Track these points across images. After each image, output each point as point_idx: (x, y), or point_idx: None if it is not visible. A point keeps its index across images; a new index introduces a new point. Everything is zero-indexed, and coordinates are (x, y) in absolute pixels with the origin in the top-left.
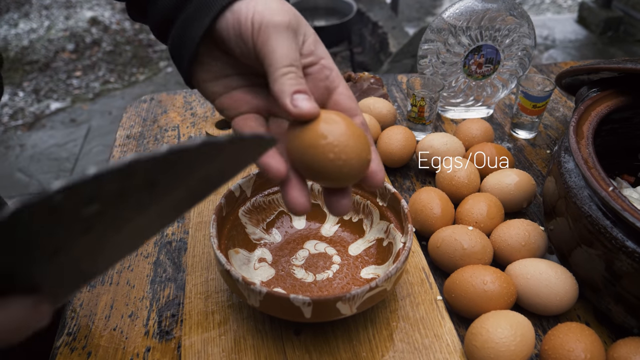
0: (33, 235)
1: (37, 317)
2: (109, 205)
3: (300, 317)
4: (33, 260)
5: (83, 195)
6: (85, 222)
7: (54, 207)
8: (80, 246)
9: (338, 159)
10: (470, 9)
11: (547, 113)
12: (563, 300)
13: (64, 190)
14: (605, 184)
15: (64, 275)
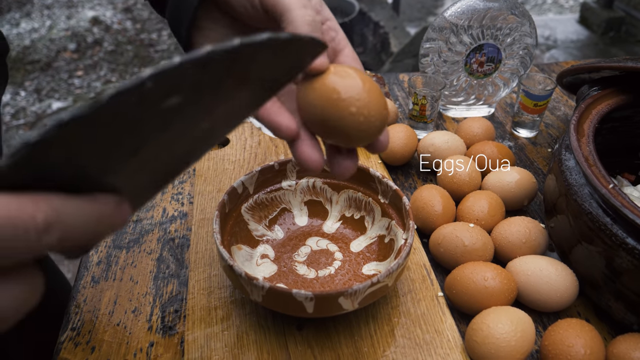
0: (122, 125)
1: (120, 216)
2: (187, 98)
3: (303, 312)
4: (117, 158)
5: (168, 85)
6: (165, 116)
7: (144, 94)
8: (159, 144)
9: (360, 114)
10: (471, 7)
11: (548, 112)
12: (563, 297)
13: (154, 77)
14: (605, 182)
15: (142, 178)
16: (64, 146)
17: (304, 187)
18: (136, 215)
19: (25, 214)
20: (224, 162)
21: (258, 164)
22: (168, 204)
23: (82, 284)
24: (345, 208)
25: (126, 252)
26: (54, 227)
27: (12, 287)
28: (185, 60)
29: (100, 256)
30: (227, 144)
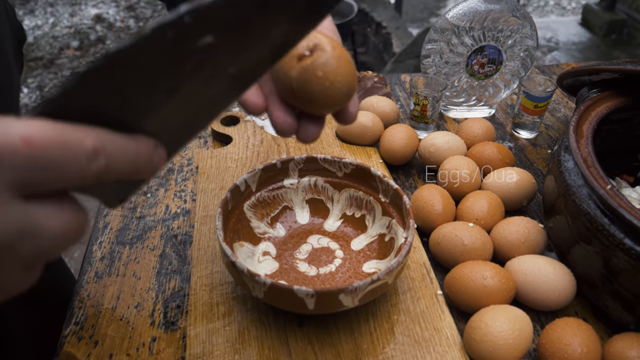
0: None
1: (156, 157)
2: (219, 38)
3: (304, 309)
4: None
5: (203, 22)
6: (196, 56)
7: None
8: (192, 87)
9: (326, 78)
10: (473, 9)
11: (549, 113)
12: (561, 296)
13: (192, 12)
14: (603, 183)
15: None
16: (110, 77)
17: (306, 185)
18: (139, 211)
19: (76, 139)
20: (226, 160)
21: (260, 162)
22: (171, 201)
23: (85, 279)
24: (347, 206)
25: (129, 248)
26: (101, 155)
27: (63, 213)
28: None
29: (103, 252)
30: (230, 142)
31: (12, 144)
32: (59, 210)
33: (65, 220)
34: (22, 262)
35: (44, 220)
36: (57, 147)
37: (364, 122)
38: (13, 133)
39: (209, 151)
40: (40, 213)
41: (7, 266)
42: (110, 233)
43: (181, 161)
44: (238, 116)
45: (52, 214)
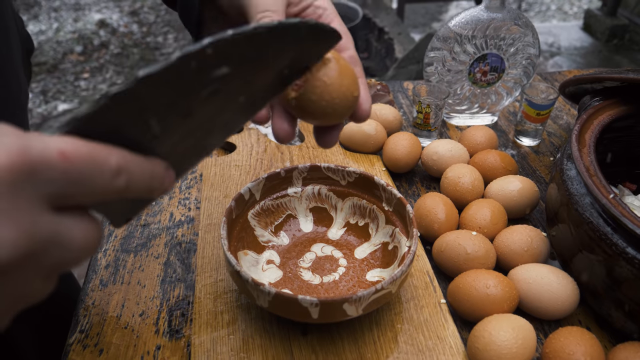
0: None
1: (167, 178)
2: (233, 69)
3: (308, 318)
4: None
5: (222, 54)
6: (213, 85)
7: (202, 60)
8: (204, 113)
9: (322, 99)
10: (475, 18)
11: (551, 121)
12: (564, 305)
13: (213, 44)
14: (606, 192)
15: (185, 145)
16: (137, 99)
17: (310, 194)
18: (144, 219)
19: (103, 156)
20: (230, 168)
21: (264, 170)
22: (175, 209)
23: (90, 287)
24: (350, 215)
25: (134, 256)
26: (123, 173)
27: (86, 225)
28: (235, 33)
29: (108, 260)
30: (234, 149)
31: (51, 157)
32: (82, 223)
33: (87, 233)
34: (45, 270)
35: (69, 232)
36: (88, 163)
37: (367, 130)
38: (51, 147)
39: (213, 159)
40: (67, 225)
41: (32, 274)
42: (115, 241)
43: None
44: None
45: (76, 226)
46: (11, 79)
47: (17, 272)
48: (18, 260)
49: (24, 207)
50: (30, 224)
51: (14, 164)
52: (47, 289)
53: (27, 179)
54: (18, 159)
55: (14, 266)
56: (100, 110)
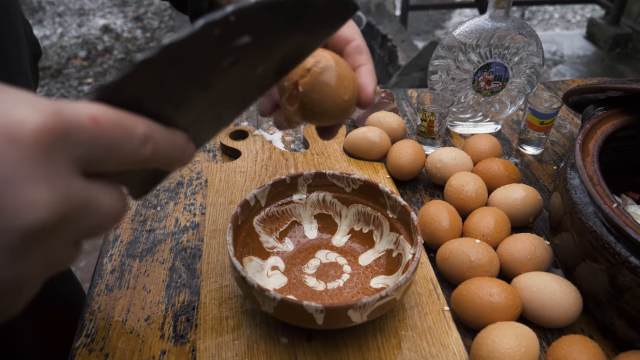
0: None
1: (188, 150)
2: (255, 39)
3: (313, 324)
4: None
5: (244, 22)
6: (234, 55)
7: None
8: (224, 83)
9: (322, 104)
10: (480, 27)
11: (554, 129)
12: (567, 314)
13: (237, 12)
14: (609, 201)
15: (205, 118)
16: (161, 67)
17: (314, 200)
18: (149, 224)
19: (131, 124)
20: (235, 174)
21: (269, 176)
22: (180, 215)
23: (96, 291)
24: (354, 222)
25: (139, 261)
26: (150, 142)
27: (114, 193)
28: (260, 2)
29: (114, 265)
30: (239, 156)
31: (82, 121)
32: (109, 191)
33: (114, 201)
34: (77, 236)
35: (98, 198)
36: (117, 129)
37: (371, 137)
38: (83, 112)
39: (218, 165)
40: (97, 191)
41: (66, 238)
42: (120, 246)
43: (190, 175)
44: (247, 130)
45: (104, 194)
46: (21, 82)
47: (52, 235)
48: (53, 222)
49: (59, 170)
50: (65, 187)
51: (49, 125)
52: (74, 256)
53: (60, 141)
54: (53, 120)
55: (50, 229)
56: (125, 78)
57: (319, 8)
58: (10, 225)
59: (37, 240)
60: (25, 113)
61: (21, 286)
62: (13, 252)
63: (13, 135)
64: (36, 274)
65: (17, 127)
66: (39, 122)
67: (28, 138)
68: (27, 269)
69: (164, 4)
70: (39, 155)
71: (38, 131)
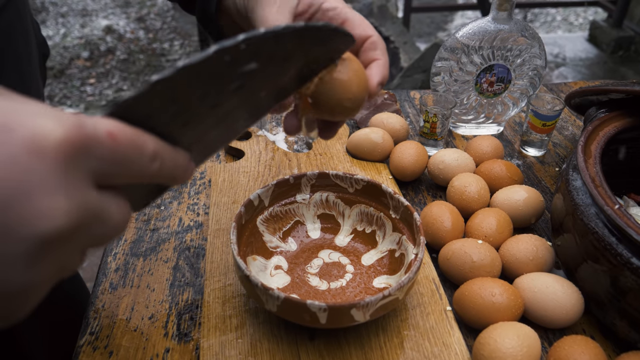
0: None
1: (188, 169)
2: (261, 65)
3: (316, 323)
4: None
5: (253, 50)
6: (241, 79)
7: (236, 55)
8: (229, 105)
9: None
10: (483, 29)
11: (556, 131)
12: (569, 314)
13: (247, 40)
14: (611, 202)
15: (208, 137)
16: (174, 87)
17: (318, 200)
18: (153, 224)
19: (143, 141)
20: (239, 174)
21: (272, 176)
22: (184, 214)
23: (100, 290)
24: (357, 222)
25: (143, 260)
26: (157, 159)
27: (122, 204)
28: (267, 31)
29: (118, 263)
30: (242, 156)
31: (100, 136)
32: (118, 202)
33: (122, 212)
34: (85, 243)
35: (109, 209)
36: (131, 146)
37: (374, 138)
38: (101, 127)
39: (222, 165)
40: (108, 202)
41: (76, 245)
42: (124, 245)
43: (194, 174)
44: (250, 131)
45: (114, 205)
46: (31, 82)
47: (66, 243)
48: (69, 231)
49: (77, 181)
50: (82, 197)
51: (72, 138)
52: (80, 263)
53: (80, 154)
54: (75, 134)
55: (65, 237)
56: (140, 96)
57: (323, 38)
58: (29, 233)
59: (51, 247)
60: (50, 125)
61: (31, 291)
62: (29, 258)
63: (38, 147)
64: (46, 280)
65: (42, 138)
66: (62, 135)
67: (51, 150)
68: (39, 274)
69: (166, 5)
70: (60, 167)
71: (61, 144)
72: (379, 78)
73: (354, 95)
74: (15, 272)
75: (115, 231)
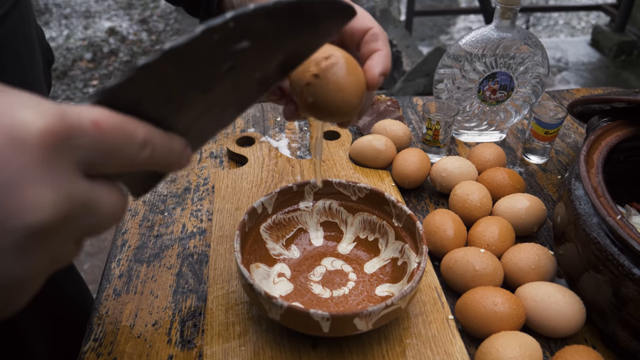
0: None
1: (184, 155)
2: (253, 43)
3: (319, 331)
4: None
5: (243, 28)
6: (232, 59)
7: (225, 34)
8: (223, 87)
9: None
10: (486, 37)
11: (559, 139)
12: (570, 324)
13: (235, 18)
14: (613, 212)
15: (203, 122)
16: (161, 71)
17: (321, 208)
18: (156, 230)
19: (131, 128)
20: (241, 181)
21: (275, 183)
22: (187, 220)
23: (104, 296)
24: (360, 230)
25: (147, 266)
26: (148, 146)
27: (114, 194)
28: (257, 7)
29: (121, 269)
30: (246, 162)
31: (85, 125)
32: (110, 192)
33: (116, 201)
34: (78, 234)
35: (99, 199)
36: (118, 134)
37: (377, 145)
38: (85, 116)
39: (225, 171)
40: (98, 192)
41: (67, 236)
42: (128, 251)
43: (197, 180)
44: (253, 137)
45: (105, 194)
46: (35, 88)
47: (55, 233)
48: (57, 222)
49: (63, 172)
50: (68, 187)
51: (53, 128)
52: (75, 254)
53: (64, 144)
54: (57, 124)
55: (53, 228)
56: (126, 82)
57: (317, 13)
58: (16, 224)
59: (41, 238)
60: (30, 116)
61: (25, 283)
62: (18, 250)
63: (18, 138)
64: (39, 271)
65: (22, 129)
66: (43, 125)
67: (33, 141)
68: (31, 266)
69: (169, 7)
70: (43, 158)
71: (42, 134)
72: (380, 68)
73: (351, 95)
74: (5, 264)
75: (109, 220)
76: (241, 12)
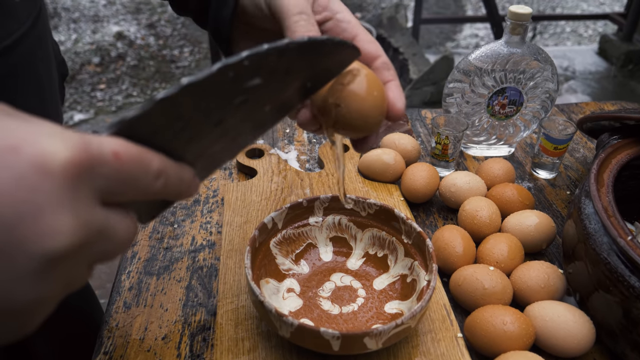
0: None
1: (193, 184)
2: (264, 80)
3: (329, 350)
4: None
5: (256, 66)
6: (244, 94)
7: (239, 71)
8: (234, 120)
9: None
10: (495, 52)
11: (568, 154)
12: (580, 344)
13: (250, 56)
14: (624, 233)
15: (213, 151)
16: (178, 104)
17: (330, 223)
18: (166, 242)
19: (147, 159)
20: (251, 193)
21: (284, 196)
22: (197, 233)
23: (114, 308)
24: (369, 246)
25: (156, 279)
26: (162, 177)
27: (127, 221)
28: (270, 47)
29: (131, 282)
30: (255, 175)
31: (106, 156)
32: (124, 218)
33: (128, 227)
34: (92, 259)
35: (115, 226)
36: (135, 164)
37: (386, 159)
38: (106, 147)
39: (234, 183)
40: (114, 219)
41: (82, 261)
42: (138, 263)
43: (207, 192)
44: (263, 149)
45: (120, 221)
46: (51, 106)
47: (71, 259)
48: (74, 248)
49: (83, 200)
50: (87, 215)
51: (77, 158)
52: (87, 278)
53: (86, 174)
54: (81, 154)
55: (70, 254)
56: (145, 114)
57: (326, 52)
58: (36, 250)
59: (58, 264)
60: (56, 146)
61: (39, 307)
62: (35, 276)
63: (45, 167)
64: (53, 295)
65: (49, 159)
66: (69, 155)
67: (58, 170)
68: (46, 291)
69: None
70: (66, 186)
71: (68, 164)
72: (402, 101)
73: (374, 108)
74: (22, 289)
75: (121, 246)
76: (255, 51)
